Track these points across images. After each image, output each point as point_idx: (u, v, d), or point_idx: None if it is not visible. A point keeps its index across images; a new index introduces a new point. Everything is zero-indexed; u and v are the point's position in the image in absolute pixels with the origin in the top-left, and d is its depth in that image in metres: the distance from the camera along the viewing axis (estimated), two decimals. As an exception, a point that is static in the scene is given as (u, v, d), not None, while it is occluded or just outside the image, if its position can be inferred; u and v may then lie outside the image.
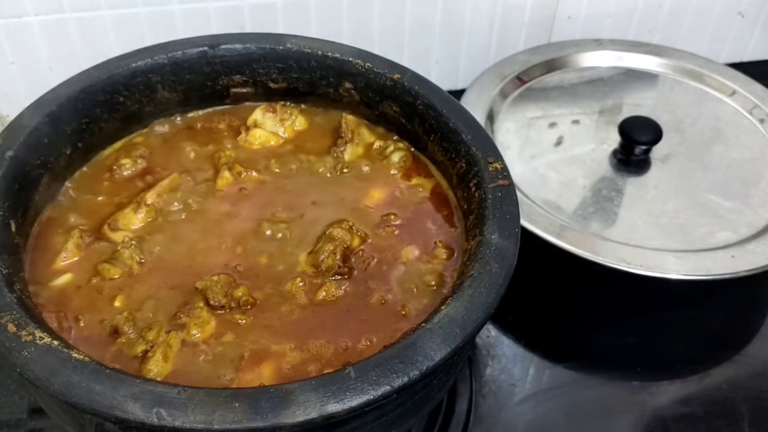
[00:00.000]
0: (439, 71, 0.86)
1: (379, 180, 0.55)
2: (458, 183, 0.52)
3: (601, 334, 0.66)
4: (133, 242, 0.48)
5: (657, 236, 0.65)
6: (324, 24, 0.78)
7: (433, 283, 0.48)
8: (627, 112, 0.77)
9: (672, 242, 0.65)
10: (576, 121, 0.77)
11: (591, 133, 0.76)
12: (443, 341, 0.39)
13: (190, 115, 0.59)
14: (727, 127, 0.78)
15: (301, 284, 0.47)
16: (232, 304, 0.45)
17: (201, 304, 0.45)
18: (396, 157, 0.56)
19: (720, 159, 0.74)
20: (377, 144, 0.57)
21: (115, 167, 0.54)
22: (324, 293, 0.47)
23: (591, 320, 0.67)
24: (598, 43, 0.85)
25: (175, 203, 0.52)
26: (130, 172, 0.54)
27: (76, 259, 0.48)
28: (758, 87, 0.81)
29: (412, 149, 0.57)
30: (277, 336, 0.44)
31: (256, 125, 0.58)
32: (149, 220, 0.51)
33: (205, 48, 0.56)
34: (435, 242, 0.50)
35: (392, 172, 0.56)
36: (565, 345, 0.66)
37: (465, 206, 0.51)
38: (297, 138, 0.59)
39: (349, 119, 0.58)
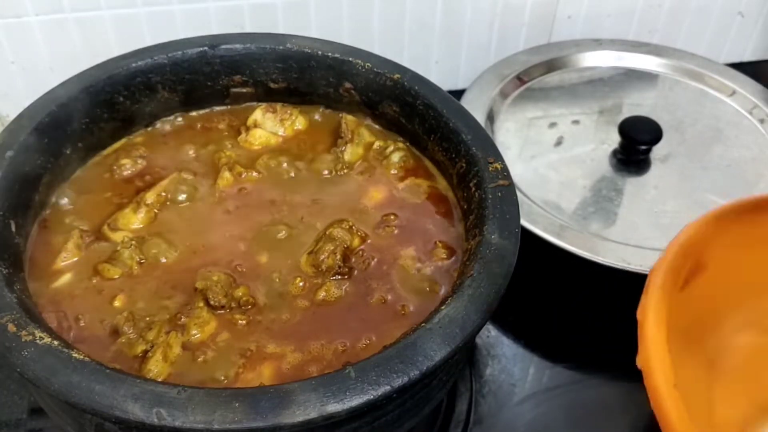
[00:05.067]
0: (439, 71, 0.86)
1: (379, 180, 0.55)
2: (458, 183, 0.52)
3: (601, 334, 0.66)
4: (133, 242, 0.48)
5: (657, 236, 0.65)
6: (324, 24, 0.78)
7: (433, 283, 0.48)
8: (627, 112, 0.77)
9: (672, 242, 0.65)
10: (576, 121, 0.77)
11: (591, 133, 0.76)
12: (443, 341, 0.39)
13: (190, 115, 0.59)
14: (727, 127, 0.78)
15: (301, 284, 0.47)
16: (233, 305, 0.45)
17: (201, 304, 0.45)
18: (396, 157, 0.56)
19: (720, 159, 0.74)
20: (377, 144, 0.57)
21: (115, 167, 0.54)
22: (324, 293, 0.47)
23: (591, 320, 0.67)
24: (598, 43, 0.85)
25: (175, 203, 0.52)
26: (130, 172, 0.54)
27: (76, 259, 0.48)
28: (758, 87, 0.81)
29: (412, 149, 0.57)
30: (277, 336, 0.44)
31: (256, 125, 0.58)
32: (149, 220, 0.51)
33: (205, 48, 0.56)
34: (435, 242, 0.50)
35: (392, 172, 0.56)
36: (565, 345, 0.66)
37: (465, 206, 0.51)
38: (297, 138, 0.59)
39: (349, 119, 0.58)
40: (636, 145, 0.72)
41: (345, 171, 0.55)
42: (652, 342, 0.44)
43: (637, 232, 0.65)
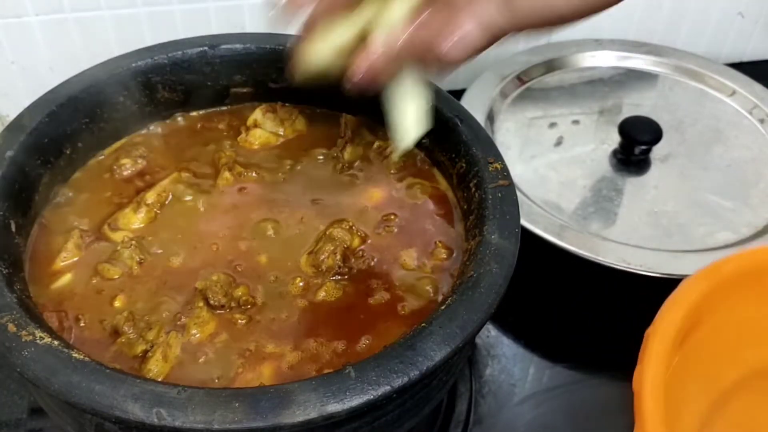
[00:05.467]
0: (439, 71, 0.86)
1: (378, 180, 0.55)
2: (458, 183, 0.52)
3: (601, 334, 0.66)
4: (133, 242, 0.48)
5: (657, 236, 0.65)
6: (324, 24, 0.78)
7: (433, 283, 0.48)
8: (627, 112, 0.77)
9: (672, 242, 0.65)
10: (576, 121, 0.77)
11: (591, 133, 0.76)
12: (443, 341, 0.39)
13: (190, 115, 0.59)
14: (727, 127, 0.78)
15: (301, 284, 0.47)
16: (232, 304, 0.45)
17: (201, 304, 0.45)
18: (396, 157, 0.56)
19: (720, 159, 0.74)
20: (377, 144, 0.57)
21: (115, 167, 0.54)
22: (324, 293, 0.47)
23: (591, 320, 0.67)
24: (598, 43, 0.85)
25: (175, 203, 0.52)
26: (130, 172, 0.54)
27: (76, 259, 0.48)
28: (758, 87, 0.81)
29: (412, 149, 0.57)
30: (277, 336, 0.44)
31: (256, 125, 0.58)
32: (149, 220, 0.51)
33: (205, 48, 0.56)
34: (435, 242, 0.50)
35: (392, 172, 0.56)
36: (565, 345, 0.66)
37: (465, 206, 0.51)
38: (297, 138, 0.59)
39: (349, 119, 0.58)
40: (636, 145, 0.72)
41: (345, 171, 0.55)
42: (650, 419, 0.44)
43: (637, 232, 0.65)
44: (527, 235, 0.62)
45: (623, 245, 0.63)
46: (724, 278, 0.50)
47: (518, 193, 0.48)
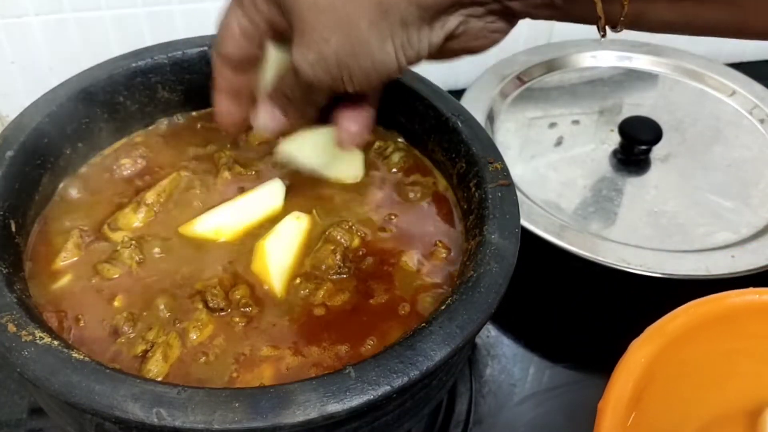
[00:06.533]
0: (439, 71, 0.86)
1: (378, 180, 0.55)
2: (458, 183, 0.52)
3: (601, 334, 0.66)
4: (133, 242, 0.48)
5: (657, 236, 0.65)
6: (324, 24, 0.78)
7: (433, 283, 0.48)
8: (627, 112, 0.77)
9: (672, 242, 0.65)
10: (576, 121, 0.77)
11: (591, 133, 0.76)
12: (443, 341, 0.39)
13: (190, 115, 0.59)
14: (727, 127, 0.78)
15: (301, 285, 0.47)
16: (231, 306, 0.45)
17: (200, 306, 0.45)
18: (396, 157, 0.56)
19: (720, 159, 0.74)
20: (377, 144, 0.57)
21: (115, 167, 0.54)
22: (324, 294, 0.47)
23: (591, 320, 0.67)
24: (598, 43, 0.85)
25: (175, 203, 0.52)
26: (130, 172, 0.54)
27: (76, 259, 0.48)
28: (758, 87, 0.81)
29: (412, 149, 0.57)
30: (276, 337, 0.44)
31: (256, 125, 0.58)
32: (149, 220, 0.51)
33: (205, 48, 0.56)
34: (435, 242, 0.50)
35: (392, 171, 0.56)
36: (565, 345, 0.66)
37: (465, 206, 0.51)
38: (297, 138, 0.58)
39: (349, 119, 0.58)
40: (636, 145, 0.72)
41: (345, 171, 0.55)
42: None
43: (637, 232, 0.66)
44: (527, 235, 0.62)
45: (623, 245, 0.63)
46: (670, 337, 0.51)
47: (518, 193, 0.48)
